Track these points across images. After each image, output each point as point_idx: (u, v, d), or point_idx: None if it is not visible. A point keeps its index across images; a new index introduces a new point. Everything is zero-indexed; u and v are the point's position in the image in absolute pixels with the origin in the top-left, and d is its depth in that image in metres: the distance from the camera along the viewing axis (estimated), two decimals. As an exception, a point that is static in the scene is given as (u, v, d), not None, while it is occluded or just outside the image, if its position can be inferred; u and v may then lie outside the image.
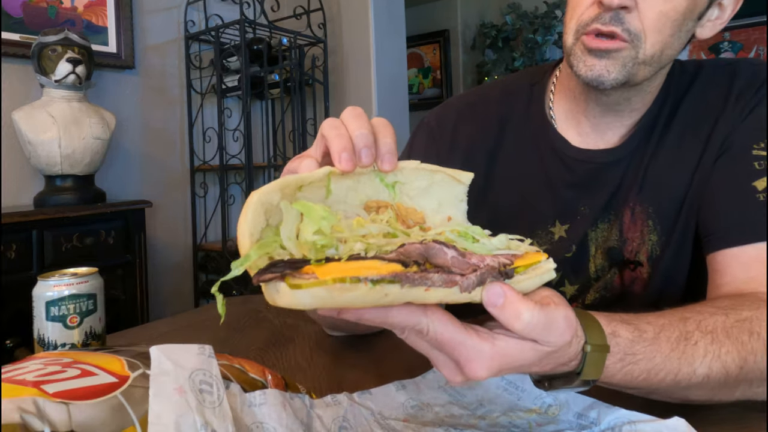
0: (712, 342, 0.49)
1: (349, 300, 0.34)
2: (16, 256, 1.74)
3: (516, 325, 0.38)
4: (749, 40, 3.53)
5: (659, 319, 0.49)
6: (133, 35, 2.48)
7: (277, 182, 0.37)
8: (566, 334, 0.39)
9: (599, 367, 0.43)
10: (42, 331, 0.64)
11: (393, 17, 2.99)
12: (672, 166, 0.71)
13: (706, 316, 0.51)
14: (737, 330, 0.50)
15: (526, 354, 0.39)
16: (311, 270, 0.33)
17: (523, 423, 0.50)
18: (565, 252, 0.77)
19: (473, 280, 0.37)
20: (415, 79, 4.95)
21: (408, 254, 0.36)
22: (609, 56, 0.64)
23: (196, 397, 0.38)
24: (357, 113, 0.44)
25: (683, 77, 0.74)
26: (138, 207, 2.12)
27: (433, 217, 0.44)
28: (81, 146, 1.95)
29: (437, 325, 0.37)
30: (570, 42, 0.67)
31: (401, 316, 0.37)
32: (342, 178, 0.41)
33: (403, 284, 0.35)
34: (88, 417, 0.35)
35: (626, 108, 0.72)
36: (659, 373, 0.46)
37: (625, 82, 0.65)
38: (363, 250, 0.35)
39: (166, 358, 0.39)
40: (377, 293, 0.34)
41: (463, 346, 0.38)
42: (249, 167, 2.50)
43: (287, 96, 2.82)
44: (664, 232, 0.72)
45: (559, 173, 0.77)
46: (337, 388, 0.54)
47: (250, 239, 0.34)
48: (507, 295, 0.37)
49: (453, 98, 0.90)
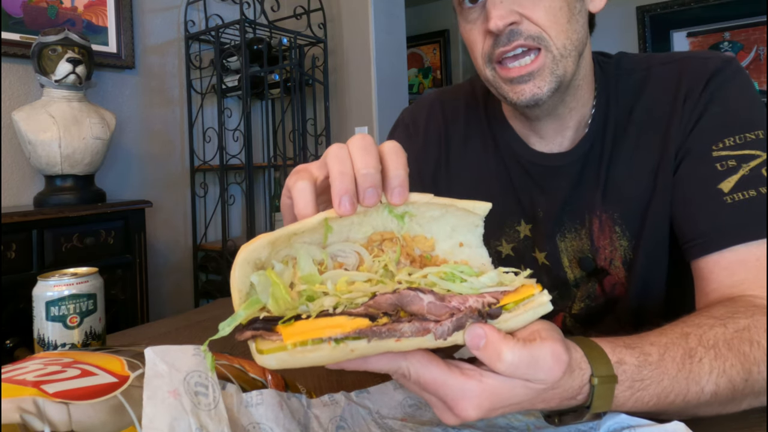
0: (716, 357, 0.48)
1: (314, 360, 0.34)
2: (16, 256, 1.74)
3: (498, 366, 0.37)
4: (749, 40, 3.53)
5: (661, 338, 0.48)
6: (133, 35, 2.48)
7: (267, 237, 0.37)
8: (555, 369, 0.38)
9: (609, 399, 0.42)
10: (42, 331, 0.64)
11: (393, 17, 2.99)
12: (632, 169, 0.71)
13: (706, 330, 0.50)
14: (738, 341, 0.50)
15: (517, 391, 0.38)
16: (280, 330, 0.34)
17: (522, 425, 0.49)
18: (531, 252, 0.78)
19: (448, 327, 0.36)
20: (415, 79, 4.95)
21: (378, 306, 0.36)
22: (532, 76, 0.64)
23: (191, 399, 0.38)
24: (365, 145, 0.40)
25: (634, 75, 0.74)
26: (138, 207, 2.12)
27: (444, 243, 0.43)
28: (81, 146, 1.95)
29: (417, 368, 0.37)
30: (489, 75, 0.68)
31: (380, 363, 0.37)
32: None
33: (370, 339, 0.35)
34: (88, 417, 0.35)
35: (564, 109, 0.72)
36: (669, 395, 0.46)
37: (559, 86, 0.66)
38: (333, 306, 0.35)
39: (161, 360, 0.39)
40: (342, 351, 0.34)
41: (447, 387, 0.37)
42: (249, 167, 2.50)
43: (287, 96, 2.82)
44: (633, 236, 0.72)
45: (517, 175, 0.78)
46: (336, 388, 0.54)
47: (238, 295, 0.36)
48: (488, 336, 0.36)
49: (426, 94, 0.92)
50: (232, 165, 2.63)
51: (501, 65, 0.66)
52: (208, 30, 2.67)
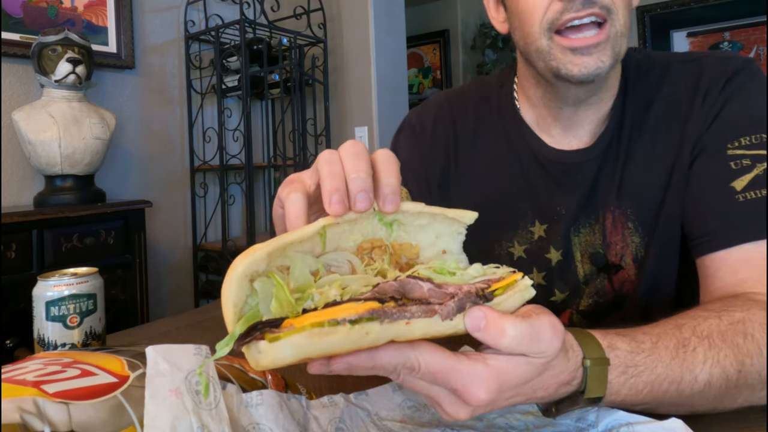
0: (709, 347, 0.48)
1: (330, 345, 0.33)
2: (16, 256, 1.74)
3: (502, 342, 0.37)
4: (749, 40, 3.53)
5: (654, 329, 0.49)
6: (133, 35, 2.48)
7: (264, 249, 0.35)
8: (555, 340, 0.39)
9: (603, 382, 0.43)
10: (42, 331, 0.64)
11: (393, 17, 2.99)
12: (647, 167, 0.71)
13: (700, 321, 0.50)
14: (732, 333, 0.50)
15: (521, 368, 0.39)
16: (289, 323, 0.33)
17: (521, 425, 0.50)
18: (544, 252, 0.78)
19: (452, 306, 0.37)
20: (415, 79, 4.95)
21: (384, 292, 0.36)
22: (597, 48, 0.63)
23: (193, 398, 0.38)
24: (356, 151, 0.41)
25: (652, 73, 0.74)
26: (138, 207, 2.12)
27: (428, 251, 0.44)
28: (81, 146, 1.96)
29: (426, 357, 0.37)
30: (544, 44, 0.65)
31: (388, 355, 0.36)
32: (337, 224, 0.39)
33: (383, 320, 0.35)
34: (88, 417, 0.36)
35: (596, 99, 0.72)
36: (662, 383, 0.46)
37: (615, 63, 0.65)
38: (338, 296, 0.35)
39: (163, 359, 0.39)
40: (357, 333, 0.34)
41: (457, 372, 0.37)
42: (249, 167, 2.50)
43: (287, 96, 2.82)
44: (646, 233, 0.72)
45: (535, 173, 0.78)
46: (336, 390, 0.54)
47: (233, 310, 0.34)
48: (488, 316, 0.37)
49: (433, 96, 0.91)
50: (232, 165, 2.64)
51: (561, 35, 0.64)
52: (208, 30, 2.67)
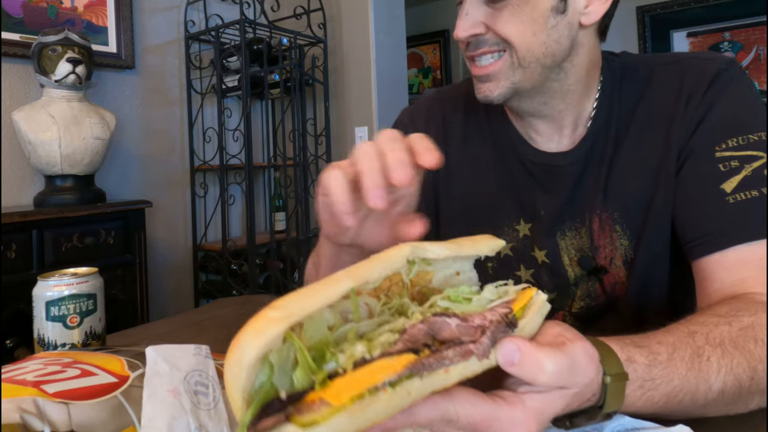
0: (723, 355, 0.48)
1: (373, 416, 0.29)
2: (16, 256, 1.74)
3: (541, 378, 0.35)
4: (749, 40, 3.53)
5: (668, 337, 0.48)
6: (133, 35, 2.48)
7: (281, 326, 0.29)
8: (590, 369, 0.37)
9: (620, 398, 0.41)
10: (42, 331, 0.64)
11: (393, 17, 2.98)
12: (633, 169, 0.71)
13: (712, 328, 0.50)
14: (743, 339, 0.50)
15: (556, 404, 0.37)
16: (317, 396, 0.28)
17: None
18: (530, 251, 0.78)
19: (487, 343, 0.34)
20: (415, 79, 4.95)
21: (415, 339, 0.32)
22: (488, 78, 0.69)
23: (191, 398, 0.38)
24: (393, 135, 0.45)
25: (636, 76, 0.74)
26: (138, 207, 2.11)
27: (441, 272, 0.41)
28: (81, 146, 1.95)
29: (467, 408, 0.34)
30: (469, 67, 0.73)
31: (426, 411, 0.33)
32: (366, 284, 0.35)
33: (422, 375, 0.31)
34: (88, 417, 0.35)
35: (550, 112, 0.73)
36: (678, 395, 0.46)
37: (514, 93, 0.69)
38: (366, 351, 0.31)
39: (163, 360, 0.39)
40: (399, 396, 0.30)
41: (497, 420, 0.35)
42: (249, 167, 2.50)
43: (287, 96, 2.82)
44: (634, 236, 0.72)
45: (518, 173, 0.78)
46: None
47: (242, 395, 0.29)
48: (522, 349, 0.34)
49: (424, 94, 0.93)
50: (232, 165, 2.63)
51: (472, 62, 0.72)
52: (208, 30, 2.66)
